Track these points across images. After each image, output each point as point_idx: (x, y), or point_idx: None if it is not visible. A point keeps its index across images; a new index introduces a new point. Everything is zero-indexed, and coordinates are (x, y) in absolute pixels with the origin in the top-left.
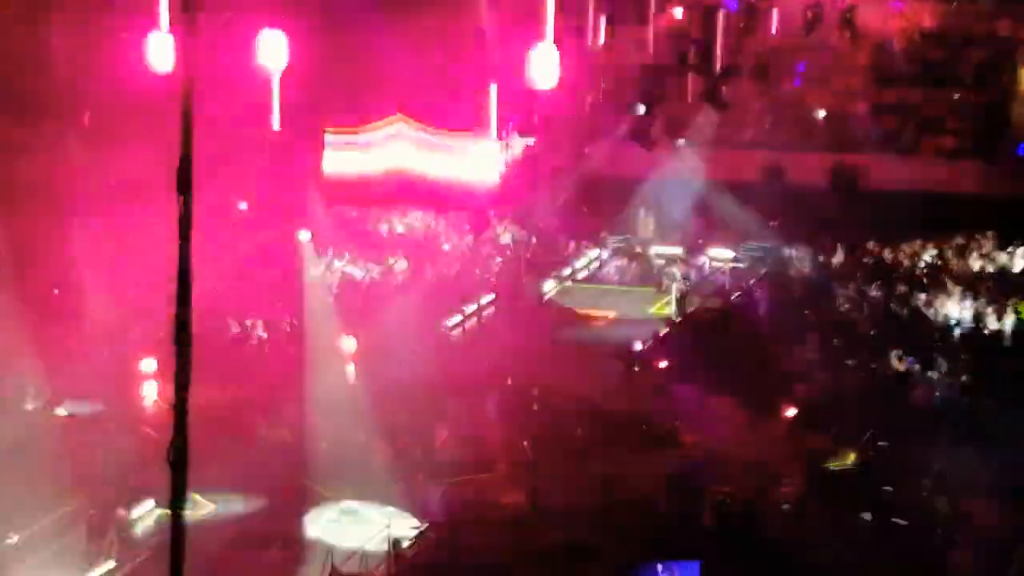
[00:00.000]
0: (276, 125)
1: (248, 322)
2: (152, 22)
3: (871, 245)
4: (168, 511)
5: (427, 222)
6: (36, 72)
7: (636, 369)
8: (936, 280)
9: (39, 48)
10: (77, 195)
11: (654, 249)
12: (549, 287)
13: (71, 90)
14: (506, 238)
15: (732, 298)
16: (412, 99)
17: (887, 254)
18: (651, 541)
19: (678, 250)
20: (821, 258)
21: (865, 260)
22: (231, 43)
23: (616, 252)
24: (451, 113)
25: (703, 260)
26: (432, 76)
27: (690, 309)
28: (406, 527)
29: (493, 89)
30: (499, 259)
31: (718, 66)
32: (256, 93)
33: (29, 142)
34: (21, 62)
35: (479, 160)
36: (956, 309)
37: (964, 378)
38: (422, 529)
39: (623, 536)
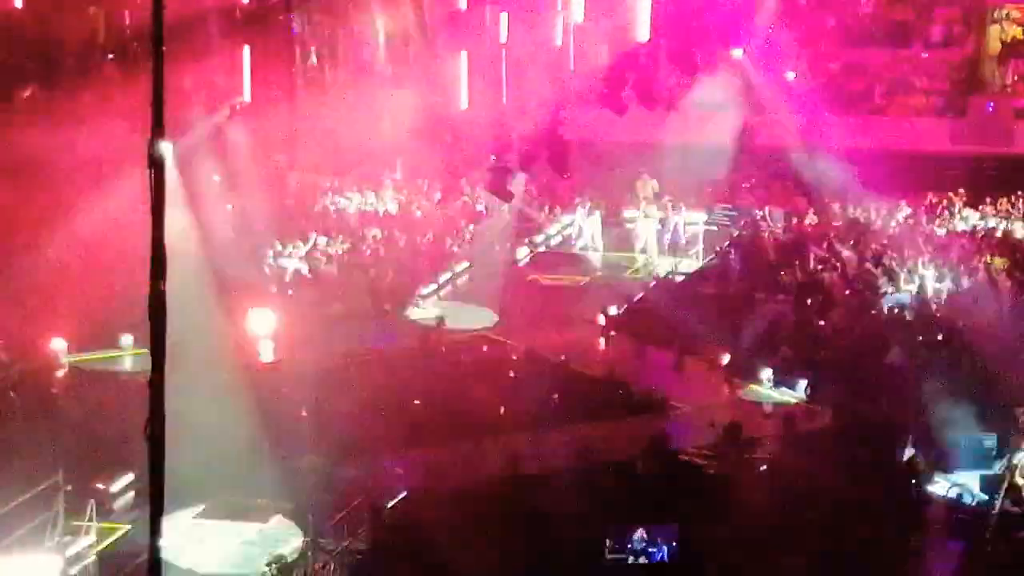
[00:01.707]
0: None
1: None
2: None
3: (844, 206)
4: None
5: (398, 190)
6: None
7: (612, 334)
8: (909, 239)
9: None
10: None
11: (627, 213)
12: (523, 254)
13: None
14: (479, 205)
15: (706, 261)
16: None
17: (860, 214)
18: (629, 505)
19: (654, 213)
20: (794, 219)
21: (837, 221)
22: None
23: (590, 217)
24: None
25: (676, 223)
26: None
27: (665, 273)
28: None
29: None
30: (472, 226)
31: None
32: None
33: None
34: None
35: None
36: (930, 268)
37: (939, 336)
38: (400, 497)
39: (601, 501)
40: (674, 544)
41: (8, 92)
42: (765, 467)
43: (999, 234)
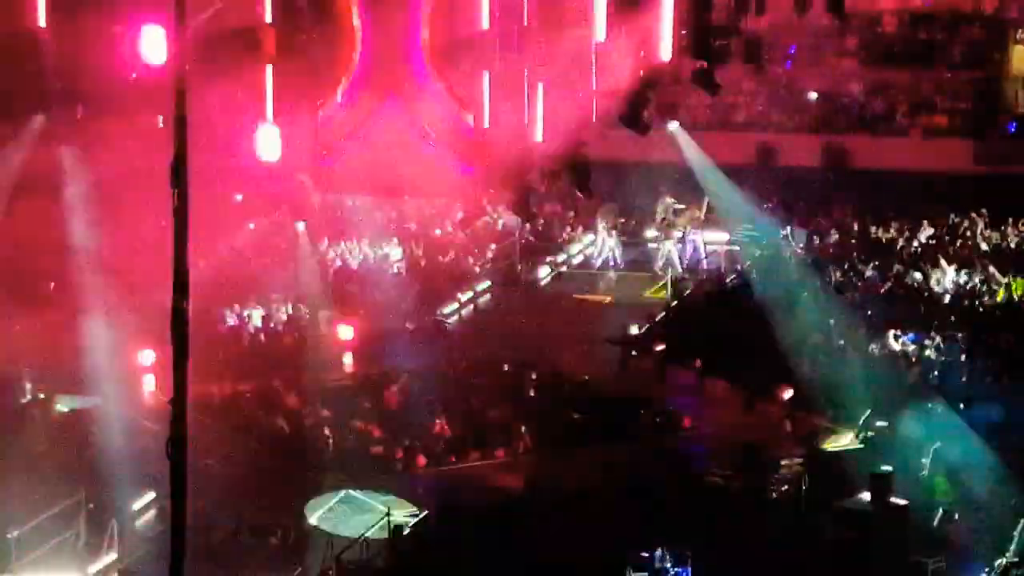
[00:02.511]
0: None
1: (245, 312)
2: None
3: (865, 226)
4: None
5: (421, 209)
6: None
7: (633, 353)
8: (931, 258)
9: None
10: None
11: (649, 233)
12: (544, 273)
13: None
14: (500, 224)
15: (728, 280)
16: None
17: (881, 234)
18: (649, 525)
19: (674, 233)
20: (816, 239)
21: (858, 241)
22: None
23: (611, 237)
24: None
25: (698, 243)
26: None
27: (686, 292)
28: (406, 515)
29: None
30: (494, 245)
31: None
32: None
33: None
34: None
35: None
36: (951, 287)
37: (963, 357)
38: (421, 516)
39: (621, 520)
40: (695, 563)
41: None
42: (787, 487)
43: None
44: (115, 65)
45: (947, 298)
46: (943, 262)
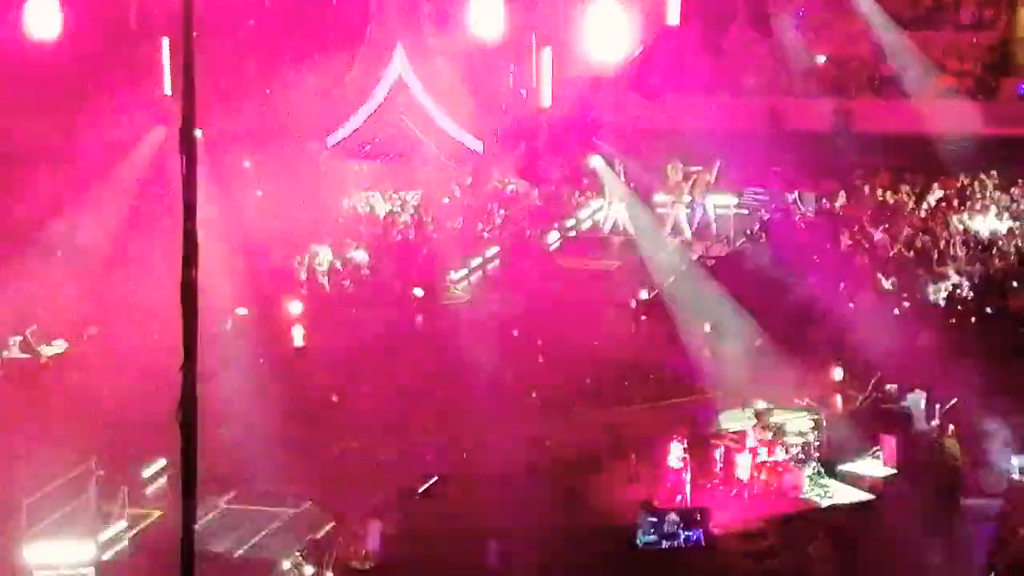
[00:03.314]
0: None
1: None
2: None
3: (875, 189)
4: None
5: (429, 176)
6: None
7: (643, 318)
8: (941, 221)
9: None
10: None
11: (658, 197)
12: (553, 238)
13: None
14: (509, 190)
15: (737, 244)
16: None
17: (890, 197)
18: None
19: (684, 197)
20: (825, 202)
21: (867, 203)
22: None
23: (619, 202)
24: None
25: (707, 207)
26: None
27: (695, 256)
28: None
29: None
30: (502, 211)
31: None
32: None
33: None
34: None
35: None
36: (962, 250)
37: (973, 319)
38: (433, 480)
39: (630, 485)
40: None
41: None
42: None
43: None
44: None
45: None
46: (953, 225)
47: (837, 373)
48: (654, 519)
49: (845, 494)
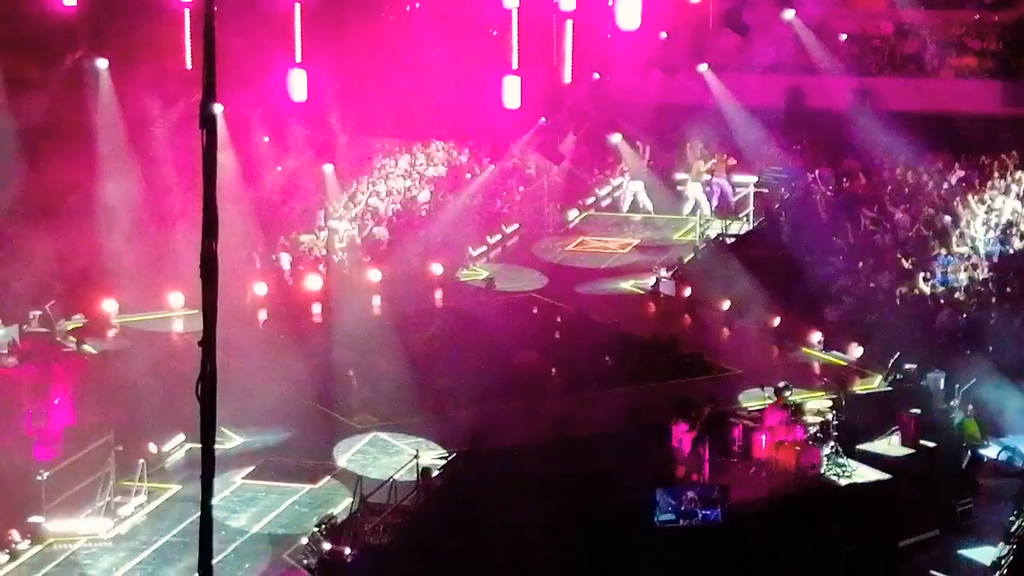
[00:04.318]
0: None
1: (272, 256)
2: None
3: (895, 168)
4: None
5: (449, 152)
6: None
7: (662, 296)
8: (962, 200)
9: None
10: None
11: (678, 175)
12: (573, 215)
13: None
14: (530, 167)
15: (757, 222)
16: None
17: (910, 176)
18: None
19: (704, 175)
20: (845, 181)
21: (887, 182)
22: None
23: (638, 179)
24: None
25: (726, 186)
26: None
27: (714, 235)
28: (434, 457)
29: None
30: (522, 188)
31: None
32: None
33: None
34: None
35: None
36: (982, 230)
37: (993, 299)
38: (450, 458)
39: (648, 463)
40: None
41: None
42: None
43: None
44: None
45: (978, 242)
46: (974, 205)
47: (856, 352)
48: (672, 498)
49: (863, 473)
